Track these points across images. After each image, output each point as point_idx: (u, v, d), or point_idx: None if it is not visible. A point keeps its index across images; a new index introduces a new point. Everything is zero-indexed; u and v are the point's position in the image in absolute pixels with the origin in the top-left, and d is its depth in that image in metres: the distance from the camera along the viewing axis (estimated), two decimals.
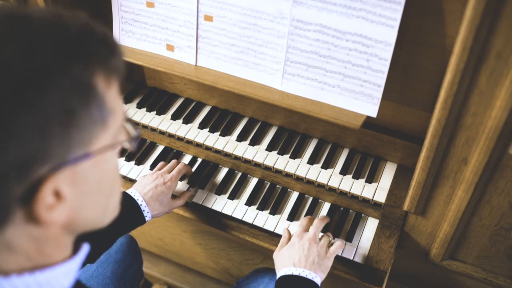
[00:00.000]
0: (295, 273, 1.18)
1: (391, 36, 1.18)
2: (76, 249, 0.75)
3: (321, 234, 1.34)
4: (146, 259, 2.15)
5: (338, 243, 1.30)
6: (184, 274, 2.17)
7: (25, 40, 0.59)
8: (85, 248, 0.76)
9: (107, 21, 1.56)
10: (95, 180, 0.67)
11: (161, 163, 1.51)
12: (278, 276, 1.21)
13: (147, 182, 1.38)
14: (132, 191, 1.35)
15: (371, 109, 1.29)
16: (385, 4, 1.14)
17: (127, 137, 0.73)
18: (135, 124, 1.66)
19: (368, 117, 1.30)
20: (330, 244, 1.30)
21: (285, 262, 1.22)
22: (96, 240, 1.26)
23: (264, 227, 1.44)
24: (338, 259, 1.40)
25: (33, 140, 0.57)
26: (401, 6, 1.13)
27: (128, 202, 1.32)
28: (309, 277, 1.18)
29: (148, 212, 1.33)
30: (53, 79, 0.58)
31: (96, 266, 1.45)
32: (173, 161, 1.50)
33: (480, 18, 0.92)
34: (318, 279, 1.19)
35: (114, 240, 1.31)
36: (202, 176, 1.56)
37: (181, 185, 1.53)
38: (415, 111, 1.35)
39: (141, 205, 1.32)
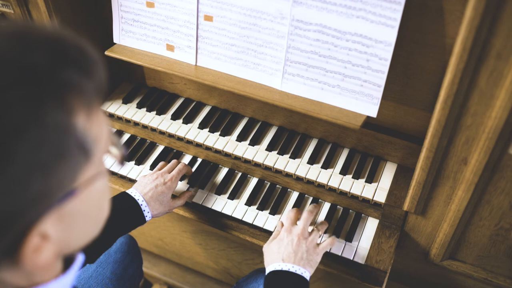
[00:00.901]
0: (284, 268, 1.19)
1: (391, 36, 1.18)
2: (70, 260, 0.73)
3: (311, 228, 1.33)
4: (146, 259, 2.15)
5: (328, 240, 1.30)
6: (184, 274, 2.17)
7: None
8: (79, 260, 0.73)
9: (107, 21, 1.56)
10: (82, 212, 0.64)
11: (161, 163, 1.51)
12: (267, 271, 1.21)
13: (147, 182, 1.38)
14: (133, 191, 1.35)
15: (371, 109, 1.29)
16: (385, 4, 1.14)
17: (114, 153, 0.69)
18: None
19: (368, 117, 1.30)
20: (320, 238, 1.29)
21: (274, 257, 1.22)
22: (96, 240, 1.26)
23: (264, 227, 1.44)
24: (338, 259, 1.40)
25: (14, 194, 0.53)
26: (401, 6, 1.13)
27: (128, 202, 1.32)
28: (298, 272, 1.18)
29: (148, 212, 1.33)
30: (26, 131, 0.52)
31: (96, 266, 1.45)
32: (173, 161, 1.50)
33: (480, 18, 0.92)
34: (307, 274, 1.20)
35: (114, 240, 1.31)
36: (202, 176, 1.56)
37: (181, 185, 1.53)
38: (415, 111, 1.35)
39: (141, 205, 1.32)
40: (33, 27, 0.59)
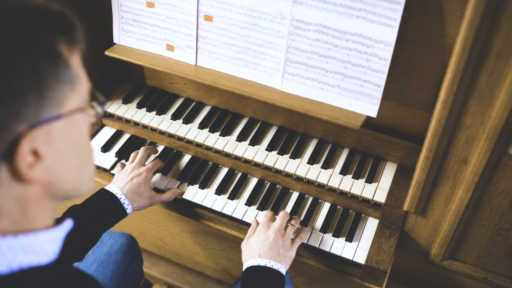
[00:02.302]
0: (261, 264, 1.22)
1: (391, 36, 1.18)
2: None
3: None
4: (146, 259, 2.15)
5: (301, 234, 1.35)
6: (184, 274, 2.17)
7: None
8: (69, 222, 0.79)
9: (107, 21, 1.56)
10: (69, 141, 0.73)
11: (133, 154, 1.54)
12: (244, 267, 1.25)
13: (123, 177, 1.43)
14: (110, 186, 1.39)
15: (371, 109, 1.29)
16: (385, 4, 1.14)
17: (94, 103, 0.79)
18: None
19: (368, 117, 1.30)
20: (295, 233, 1.34)
21: (252, 253, 1.26)
22: (82, 237, 1.28)
23: None
24: (338, 259, 1.40)
25: (6, 100, 0.63)
26: (401, 6, 1.13)
27: (107, 197, 1.36)
28: (275, 267, 1.22)
29: (128, 205, 1.38)
30: (21, 44, 0.64)
31: (97, 266, 1.45)
32: (142, 149, 1.53)
33: (480, 18, 0.92)
34: (283, 269, 1.23)
35: (99, 236, 1.33)
36: (202, 176, 1.56)
37: (182, 186, 1.54)
38: (415, 111, 1.35)
39: (120, 198, 1.37)
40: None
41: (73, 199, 0.82)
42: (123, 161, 1.62)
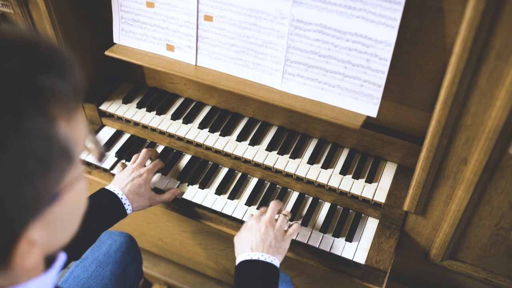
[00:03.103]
0: (254, 257, 1.21)
1: (391, 36, 1.18)
2: (52, 259, 0.73)
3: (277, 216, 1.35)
4: (146, 259, 2.15)
5: (295, 226, 1.33)
6: (184, 274, 2.17)
7: None
8: (61, 259, 0.73)
9: (107, 21, 1.56)
10: (65, 214, 0.65)
11: (134, 156, 1.54)
12: (237, 261, 1.23)
13: (123, 177, 1.43)
14: (111, 186, 1.39)
15: (371, 109, 1.29)
16: (385, 4, 1.14)
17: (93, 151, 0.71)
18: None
19: (368, 117, 1.30)
20: (287, 224, 1.33)
21: (244, 247, 1.24)
22: (80, 236, 1.27)
23: None
24: (338, 259, 1.40)
25: (2, 205, 0.54)
26: (401, 6, 1.13)
27: (108, 197, 1.36)
28: (268, 260, 1.20)
29: (128, 205, 1.37)
30: (9, 143, 0.52)
31: (96, 266, 1.45)
32: (144, 151, 1.53)
33: (480, 18, 0.92)
34: (276, 261, 1.22)
35: (98, 235, 1.34)
36: (202, 176, 1.56)
37: (182, 186, 1.54)
38: (415, 111, 1.35)
39: (121, 198, 1.37)
40: (3, 33, 0.58)
41: None
42: (123, 161, 1.62)
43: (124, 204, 1.37)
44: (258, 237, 1.24)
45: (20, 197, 0.55)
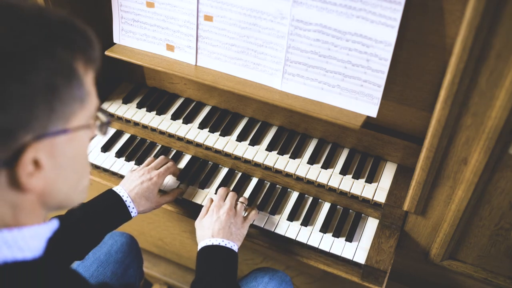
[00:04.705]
0: (215, 243, 1.27)
1: (391, 36, 1.18)
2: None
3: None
4: (146, 259, 2.15)
5: (252, 213, 1.41)
6: (184, 274, 2.17)
7: (14, 23, 0.66)
8: (54, 222, 0.80)
9: (107, 21, 1.56)
10: (70, 156, 0.74)
11: (149, 159, 1.52)
12: (199, 247, 1.29)
13: (133, 179, 1.41)
14: (118, 188, 1.38)
15: (371, 109, 1.29)
16: (385, 4, 1.14)
17: (98, 123, 0.81)
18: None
19: (368, 117, 1.30)
20: (245, 211, 1.40)
21: (205, 233, 1.31)
22: (84, 237, 1.28)
23: (264, 227, 1.44)
24: (338, 259, 1.40)
25: (18, 110, 0.64)
26: (401, 6, 1.13)
27: (113, 199, 1.35)
28: (228, 245, 1.28)
29: (133, 208, 1.37)
30: (40, 57, 0.66)
31: (97, 266, 1.45)
32: (161, 157, 1.52)
33: (480, 18, 0.92)
34: (235, 247, 1.29)
35: (102, 237, 1.33)
36: (202, 176, 1.56)
37: (182, 186, 1.54)
38: (415, 111, 1.35)
39: (126, 201, 1.36)
40: (54, 10, 0.74)
41: (64, 209, 0.84)
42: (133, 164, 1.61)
43: (129, 207, 1.36)
44: (219, 224, 1.31)
45: (35, 108, 0.66)
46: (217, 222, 1.31)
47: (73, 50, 0.70)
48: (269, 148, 1.54)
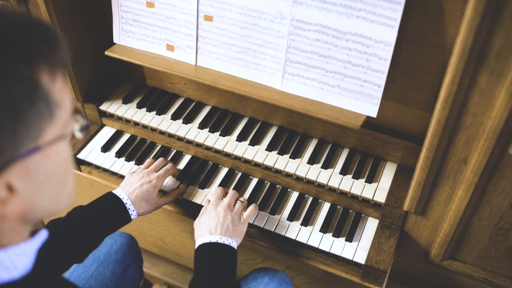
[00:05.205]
0: (213, 240, 1.26)
1: (391, 36, 1.18)
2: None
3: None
4: (146, 259, 2.15)
5: (251, 209, 1.38)
6: (184, 274, 2.17)
7: None
8: (43, 234, 0.77)
9: (107, 21, 1.56)
10: (46, 172, 0.69)
11: (148, 160, 1.52)
12: (197, 244, 1.28)
13: (133, 181, 1.41)
14: (118, 191, 1.38)
15: (371, 109, 1.29)
16: (385, 4, 1.14)
17: (77, 127, 0.76)
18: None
19: (368, 117, 1.30)
20: (244, 210, 1.38)
21: (203, 231, 1.29)
22: (83, 240, 1.28)
23: (264, 227, 1.44)
24: (338, 259, 1.40)
25: None
26: (401, 6, 1.13)
27: (113, 202, 1.35)
28: (226, 242, 1.26)
29: (133, 211, 1.37)
30: None
31: (96, 266, 1.45)
32: (160, 159, 1.52)
33: (480, 18, 0.92)
34: (234, 244, 1.28)
35: (102, 239, 1.33)
36: (202, 176, 1.56)
37: (182, 186, 1.54)
38: (415, 111, 1.35)
39: (126, 203, 1.36)
40: (8, 12, 0.67)
41: (52, 216, 0.80)
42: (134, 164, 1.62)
43: (129, 209, 1.36)
44: (217, 221, 1.29)
45: (1, 134, 0.60)
46: (214, 219, 1.30)
47: (35, 61, 0.64)
48: (269, 148, 1.54)
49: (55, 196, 0.74)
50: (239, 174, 1.57)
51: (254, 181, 1.56)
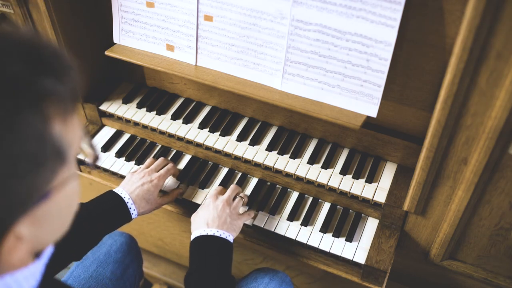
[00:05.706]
0: (210, 233, 1.25)
1: (391, 36, 1.18)
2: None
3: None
4: (146, 259, 2.15)
5: (249, 211, 1.41)
6: (184, 274, 2.17)
7: None
8: (49, 251, 0.74)
9: (107, 21, 1.56)
10: (55, 213, 0.65)
11: (149, 160, 1.52)
12: (192, 236, 1.27)
13: (134, 181, 1.41)
14: (119, 190, 1.38)
15: (371, 109, 1.29)
16: (385, 4, 1.14)
17: (88, 157, 0.71)
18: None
19: (368, 117, 1.30)
20: (244, 205, 1.40)
21: (200, 223, 1.29)
22: (83, 237, 1.27)
23: (264, 227, 1.44)
24: (338, 259, 1.40)
25: None
26: (401, 6, 1.13)
27: (114, 201, 1.35)
28: (223, 236, 1.26)
29: (134, 210, 1.37)
30: (3, 143, 0.53)
31: (96, 266, 1.45)
32: (161, 159, 1.52)
33: (480, 18, 0.92)
34: (231, 237, 1.27)
35: (101, 238, 1.33)
36: (202, 176, 1.56)
37: (182, 186, 1.54)
38: (415, 111, 1.35)
39: (127, 202, 1.36)
40: (6, 34, 0.58)
41: None
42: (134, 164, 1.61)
43: (130, 208, 1.36)
44: (215, 213, 1.29)
45: (10, 194, 0.55)
46: (213, 212, 1.30)
47: (45, 110, 0.55)
48: (269, 148, 1.54)
49: (60, 228, 0.70)
50: (239, 174, 1.57)
51: (254, 181, 1.56)
